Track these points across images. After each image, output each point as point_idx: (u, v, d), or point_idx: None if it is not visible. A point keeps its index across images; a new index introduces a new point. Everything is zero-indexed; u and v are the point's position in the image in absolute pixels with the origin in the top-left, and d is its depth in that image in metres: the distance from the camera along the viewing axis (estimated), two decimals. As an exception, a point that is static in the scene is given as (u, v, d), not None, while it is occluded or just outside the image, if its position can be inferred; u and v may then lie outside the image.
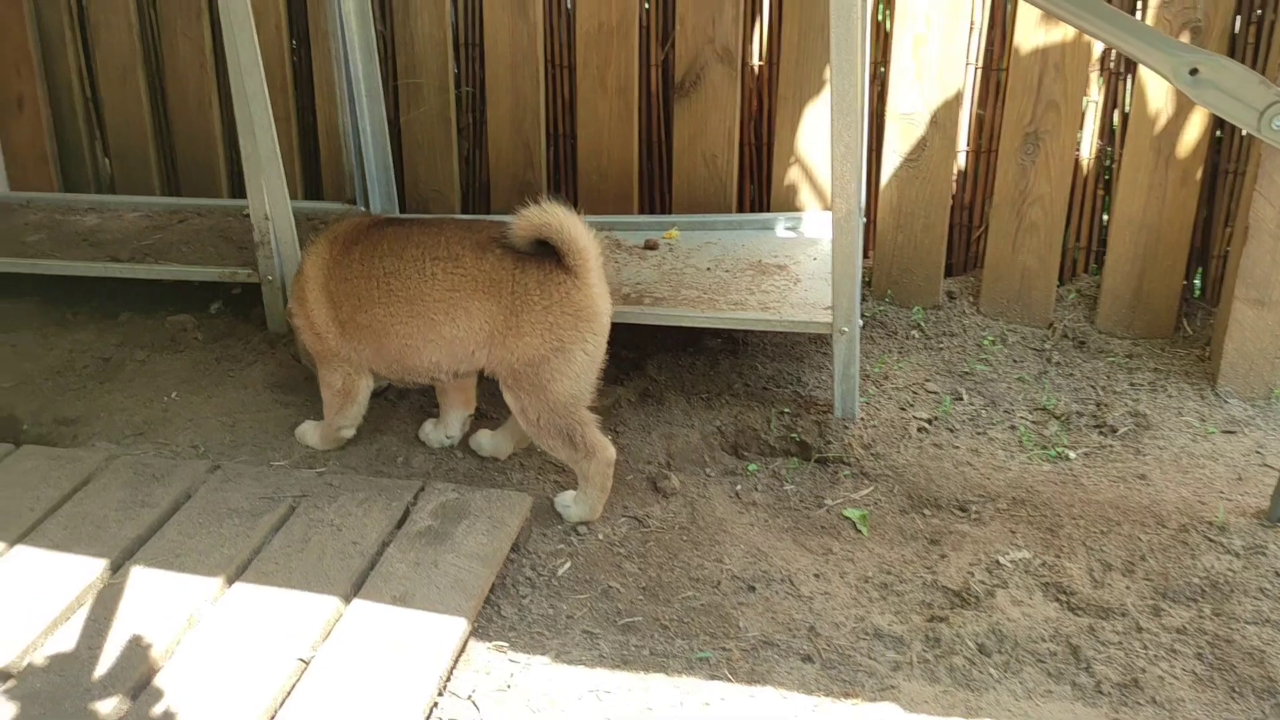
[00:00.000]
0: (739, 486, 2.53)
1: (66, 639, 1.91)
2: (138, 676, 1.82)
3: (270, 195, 2.90)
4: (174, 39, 3.80)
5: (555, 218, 2.20)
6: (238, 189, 3.90)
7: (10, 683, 1.81)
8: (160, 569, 2.09)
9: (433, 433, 2.63)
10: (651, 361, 2.98)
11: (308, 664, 1.85)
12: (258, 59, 2.69)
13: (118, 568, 2.10)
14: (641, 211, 3.51)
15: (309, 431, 2.61)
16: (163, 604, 1.99)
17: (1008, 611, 2.11)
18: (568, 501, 2.38)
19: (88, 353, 3.11)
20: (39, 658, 1.87)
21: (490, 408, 2.71)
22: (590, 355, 2.31)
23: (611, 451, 2.35)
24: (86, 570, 2.08)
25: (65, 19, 3.90)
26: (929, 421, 2.74)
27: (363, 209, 3.50)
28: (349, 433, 2.59)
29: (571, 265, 2.25)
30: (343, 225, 2.51)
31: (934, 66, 3.03)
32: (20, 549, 2.16)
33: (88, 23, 3.90)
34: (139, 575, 2.07)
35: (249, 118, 2.78)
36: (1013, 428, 2.73)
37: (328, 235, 2.50)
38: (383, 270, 2.36)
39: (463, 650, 1.96)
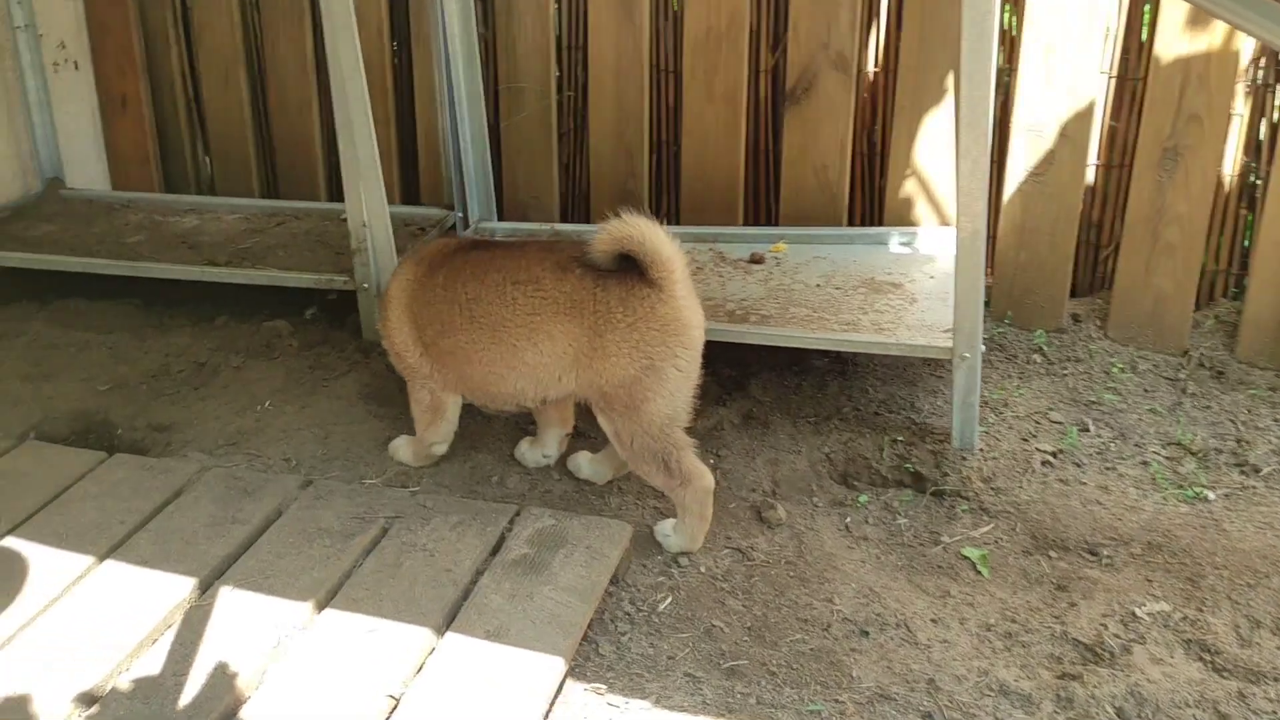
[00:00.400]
0: (849, 519, 2.39)
1: (153, 663, 1.85)
2: (223, 708, 1.75)
3: (369, 202, 2.83)
4: (276, 40, 3.77)
5: (637, 229, 2.10)
6: (335, 192, 3.87)
7: (95, 708, 1.76)
8: (249, 590, 2.02)
9: (529, 452, 2.53)
10: (755, 381, 2.85)
11: (398, 701, 1.76)
12: (359, 63, 2.62)
13: (206, 587, 2.04)
14: (746, 223, 3.38)
15: (402, 447, 2.54)
16: (251, 629, 1.92)
17: (1147, 671, 1.94)
18: (667, 530, 2.27)
19: (183, 356, 3.08)
20: (124, 682, 1.81)
21: (589, 427, 2.60)
22: (683, 371, 2.20)
23: (709, 479, 2.23)
24: (175, 589, 2.02)
25: (169, 19, 3.91)
26: (1053, 454, 2.57)
27: (460, 214, 3.43)
28: (440, 449, 2.51)
29: (656, 278, 2.14)
30: (430, 246, 2.44)
31: (1064, 75, 2.85)
32: (110, 564, 2.11)
33: (191, 23, 3.91)
34: (227, 597, 2.01)
35: (349, 122, 2.72)
36: (1145, 463, 2.54)
37: (414, 256, 2.44)
38: (465, 296, 2.29)
39: (559, 691, 1.85)
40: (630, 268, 2.15)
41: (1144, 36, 2.90)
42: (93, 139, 4.02)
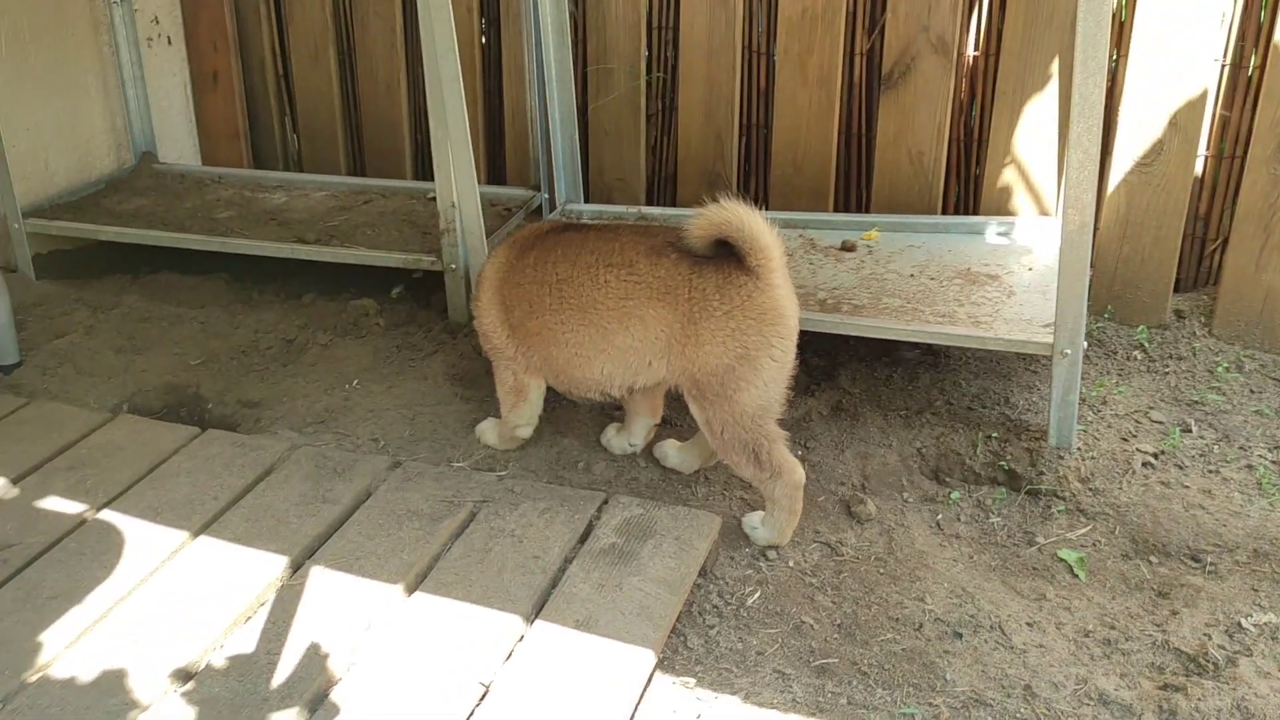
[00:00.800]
0: (940, 516, 2.33)
1: (246, 640, 1.87)
2: (315, 688, 1.75)
3: (459, 183, 2.82)
4: (365, 18, 3.78)
5: (736, 215, 2.05)
6: (421, 171, 3.88)
7: (190, 685, 1.77)
8: (340, 571, 2.03)
9: (615, 439, 2.51)
10: (844, 371, 2.80)
11: (488, 688, 1.75)
12: (454, 44, 2.61)
13: (298, 567, 2.05)
14: (837, 209, 3.32)
15: (488, 430, 2.53)
16: (342, 610, 1.92)
17: (1254, 685, 1.86)
18: (755, 523, 2.23)
19: (272, 333, 3.10)
20: (219, 659, 1.83)
21: (676, 416, 2.58)
22: (778, 362, 2.15)
23: (800, 474, 2.19)
24: (267, 567, 2.03)
25: (261, -5, 3.93)
26: (1154, 455, 2.48)
27: (545, 195, 3.41)
28: (525, 432, 2.49)
29: (754, 266, 2.09)
30: (524, 230, 2.42)
31: (1175, 62, 2.74)
32: (203, 539, 2.13)
33: (283, 1, 3.92)
34: (318, 576, 2.01)
35: (441, 103, 2.71)
36: (1250, 467, 2.45)
37: (509, 239, 2.41)
38: (556, 276, 2.25)
39: (648, 684, 1.83)
40: (726, 254, 2.11)
41: (1262, 20, 2.78)
42: (184, 114, 4.07)
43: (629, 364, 2.23)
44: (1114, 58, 2.91)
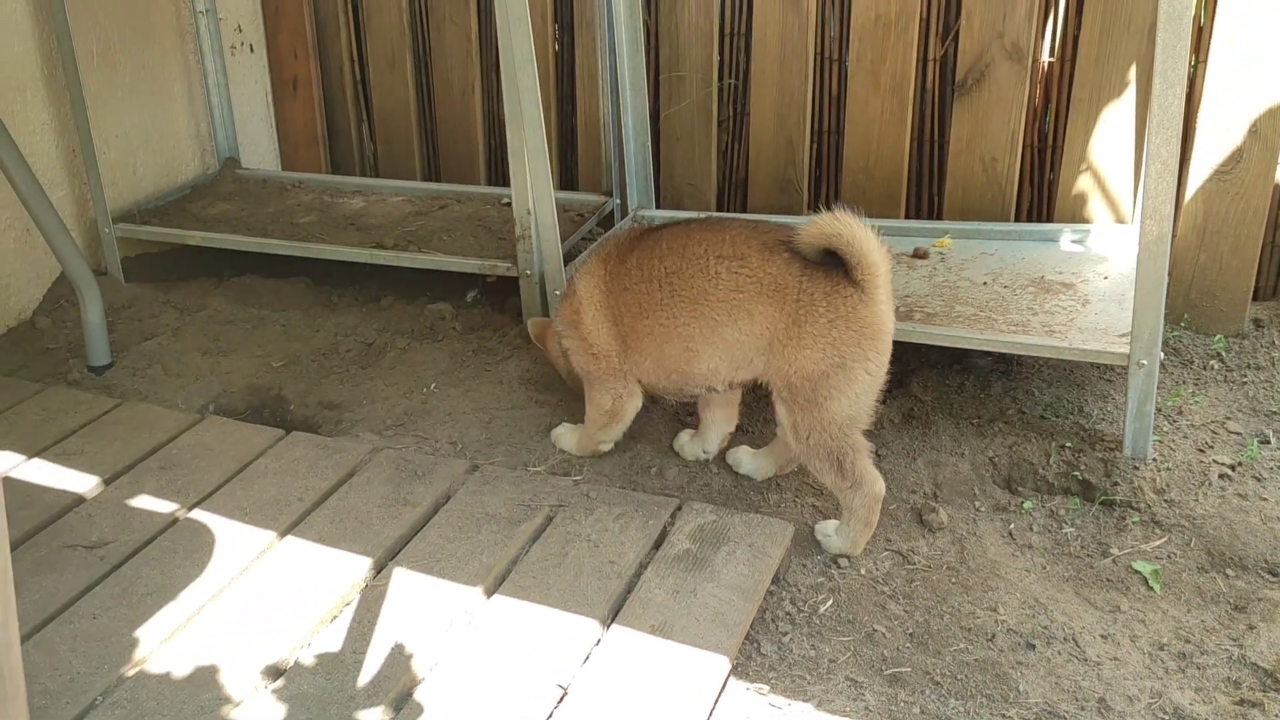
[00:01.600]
0: (1013, 525, 2.33)
1: (333, 639, 1.93)
2: (400, 688, 1.81)
3: (535, 190, 2.87)
4: (441, 26, 3.84)
5: (848, 228, 2.06)
6: (494, 176, 3.94)
7: (280, 681, 1.84)
8: (421, 572, 2.08)
9: (689, 444, 2.54)
10: (915, 378, 2.80)
11: (566, 691, 1.80)
12: (531, 54, 2.65)
13: (381, 568, 2.11)
14: (908, 216, 3.32)
15: (565, 435, 2.58)
16: (424, 611, 1.98)
17: (1334, 702, 1.85)
18: (829, 531, 2.25)
19: (351, 336, 3.18)
20: (307, 657, 1.89)
21: (748, 422, 2.61)
22: (873, 375, 2.17)
23: (881, 486, 2.20)
24: (352, 568, 2.10)
25: (340, 3, 4.02)
26: (1231, 467, 2.46)
27: (618, 201, 3.45)
28: (608, 447, 2.54)
29: (861, 280, 2.11)
30: (611, 243, 2.44)
31: (1257, 67, 2.71)
32: (290, 540, 2.20)
33: (361, 8, 4.01)
34: (401, 577, 2.07)
35: (519, 111, 2.76)
36: (1331, 480, 2.42)
37: (598, 254, 2.43)
38: (664, 271, 2.27)
39: (722, 690, 1.87)
40: (835, 262, 2.12)
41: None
42: (265, 120, 4.17)
43: (734, 357, 2.24)
44: (1193, 63, 2.88)
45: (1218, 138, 2.79)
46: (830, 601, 2.11)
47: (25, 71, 3.27)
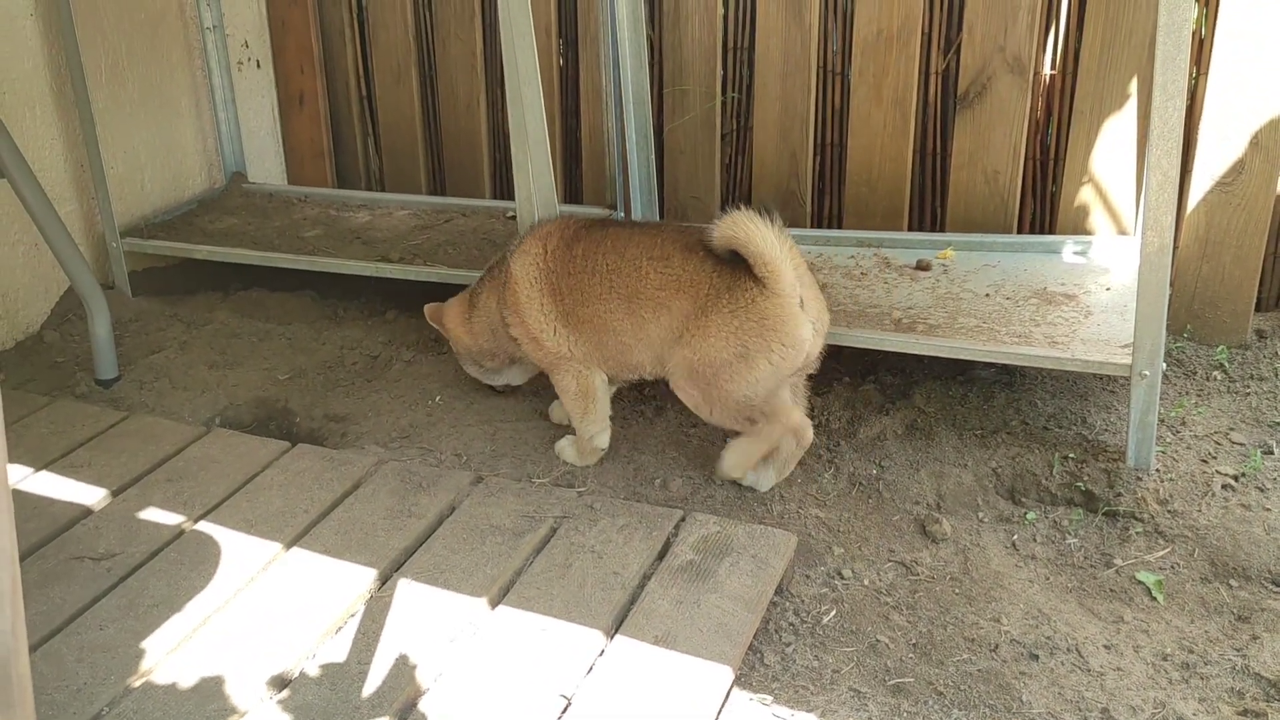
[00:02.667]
0: (1016, 536, 2.34)
1: (338, 649, 1.94)
2: (404, 698, 1.81)
3: (539, 203, 2.88)
4: (447, 40, 3.87)
5: (744, 230, 2.17)
6: (499, 189, 3.96)
7: (285, 692, 1.85)
8: (425, 584, 2.09)
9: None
10: (919, 390, 2.81)
11: (570, 701, 1.81)
12: (535, 69, 2.67)
13: (385, 579, 2.12)
14: (911, 228, 3.33)
15: (567, 447, 2.60)
16: (428, 622, 1.99)
17: (1337, 712, 1.85)
18: (728, 462, 2.43)
19: (357, 349, 3.20)
20: (312, 667, 1.90)
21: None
22: (775, 366, 2.28)
23: (797, 417, 2.37)
24: (357, 579, 2.11)
25: (346, 18, 4.05)
26: (1235, 478, 2.46)
27: (621, 214, 3.47)
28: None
29: (762, 276, 2.22)
30: (547, 227, 2.55)
31: (1257, 80, 2.72)
32: (296, 551, 2.21)
33: (367, 22, 4.04)
34: (405, 588, 2.08)
35: (523, 126, 2.77)
36: (1334, 491, 2.42)
37: (534, 237, 2.53)
38: (605, 267, 2.39)
39: (726, 700, 1.87)
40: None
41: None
42: (272, 134, 4.20)
43: (658, 353, 2.38)
44: (1194, 75, 2.90)
45: (1219, 149, 2.80)
46: (833, 612, 2.11)
47: (35, 88, 3.30)
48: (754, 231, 2.16)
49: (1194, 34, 2.89)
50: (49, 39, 3.31)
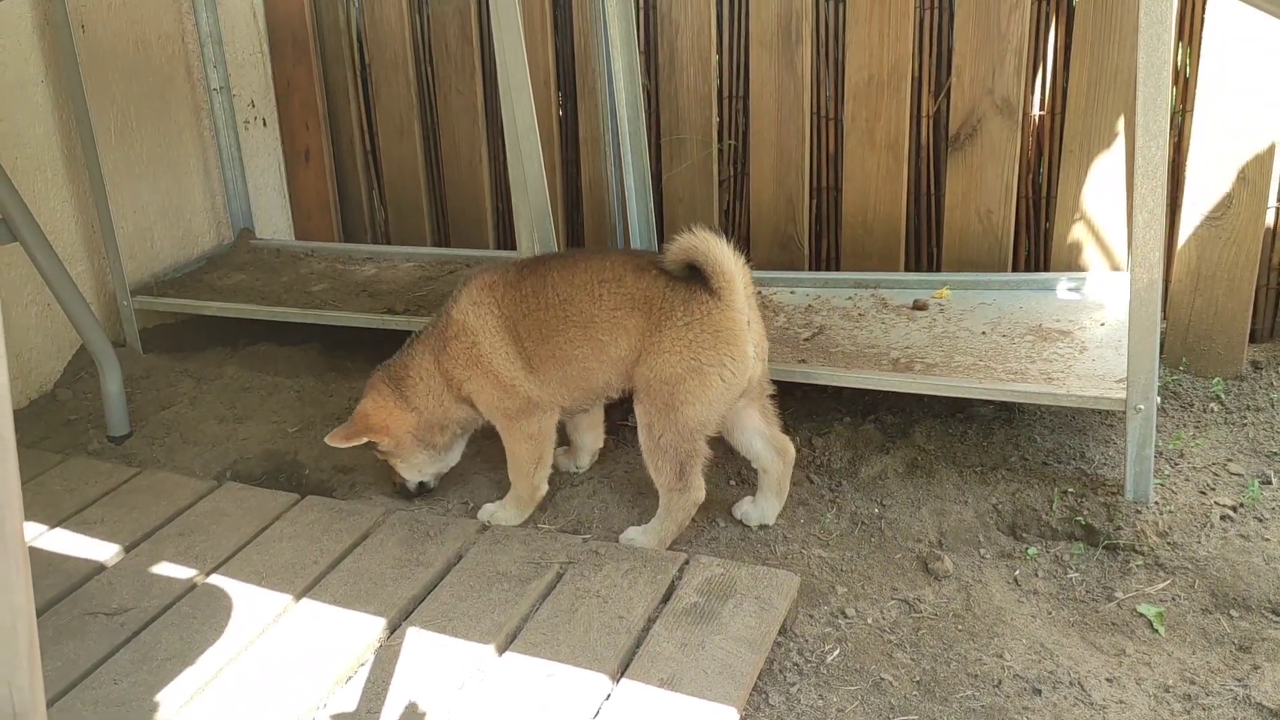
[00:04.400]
0: (1018, 572, 2.36)
1: (349, 699, 1.97)
2: (414, 746, 1.84)
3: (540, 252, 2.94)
4: (448, 95, 3.95)
5: (704, 241, 2.27)
6: (502, 239, 4.02)
7: (297, 742, 1.87)
8: (434, 631, 2.12)
9: (563, 460, 2.75)
10: (919, 428, 2.84)
11: (576, 746, 1.83)
12: (534, 122, 2.74)
13: (394, 628, 2.15)
14: (908, 268, 3.38)
15: (499, 510, 2.58)
16: (437, 669, 2.02)
17: (1339, 740, 1.87)
18: (633, 535, 2.45)
19: (364, 400, 3.24)
20: (324, 716, 1.93)
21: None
22: (727, 382, 2.33)
23: (703, 494, 2.42)
24: (366, 629, 2.14)
25: (349, 76, 4.13)
26: (1233, 508, 2.49)
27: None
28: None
29: (717, 288, 2.29)
30: (488, 275, 2.52)
31: (1242, 117, 2.77)
32: (306, 602, 2.24)
33: (370, 79, 4.12)
34: (414, 637, 2.11)
35: (523, 177, 2.83)
36: (1333, 520, 2.44)
37: (480, 284, 2.51)
38: (557, 298, 2.43)
39: (731, 741, 1.90)
40: (698, 277, 2.31)
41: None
42: (278, 190, 4.28)
43: (622, 371, 2.42)
44: (1180, 112, 2.95)
45: (1207, 185, 2.85)
46: (837, 651, 2.14)
47: (46, 152, 3.38)
48: (713, 243, 2.26)
49: (1179, 72, 2.95)
50: (59, 104, 3.39)
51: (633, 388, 2.42)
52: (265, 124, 4.19)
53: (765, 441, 2.49)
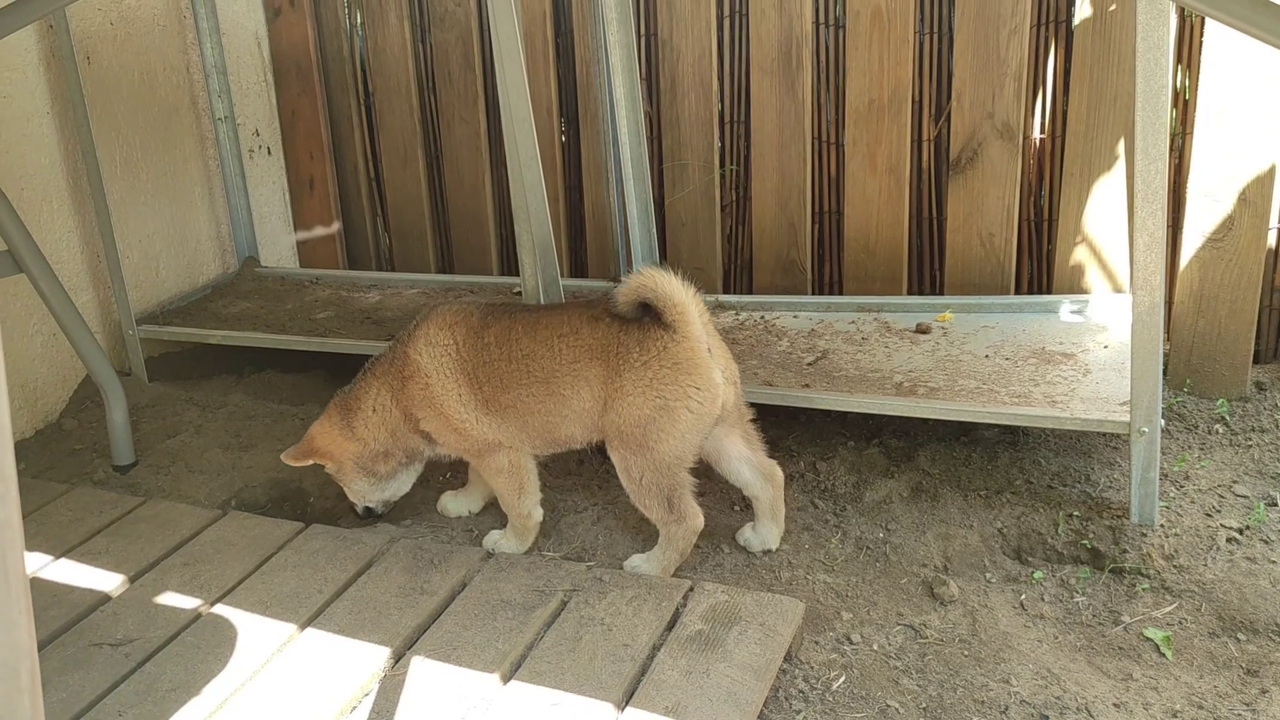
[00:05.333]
0: (1024, 596, 2.35)
1: (352, 730, 1.96)
2: (418, 777, 1.84)
3: (543, 279, 2.95)
4: (451, 123, 3.97)
5: (652, 277, 2.28)
6: (506, 266, 4.03)
7: (301, 774, 1.87)
8: (439, 661, 2.12)
9: (452, 503, 2.76)
10: (923, 452, 2.84)
11: (581, 776, 1.82)
12: (536, 150, 2.75)
13: (399, 657, 2.15)
14: (910, 292, 3.38)
15: (503, 540, 2.59)
16: (441, 699, 2.01)
17: (1349, 765, 1.85)
18: (638, 562, 2.43)
19: (369, 428, 3.24)
20: (327, 748, 1.92)
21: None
22: (695, 414, 2.32)
23: (700, 520, 2.40)
24: (370, 658, 2.14)
25: (354, 104, 4.16)
26: (1239, 531, 2.48)
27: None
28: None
29: (670, 321, 2.30)
30: (445, 318, 2.52)
31: (1242, 139, 2.78)
32: (310, 632, 2.24)
33: (374, 108, 4.14)
34: (418, 666, 2.11)
35: (525, 205, 2.85)
36: (1340, 541, 2.44)
37: (438, 324, 2.51)
38: (521, 352, 2.43)
39: (736, 770, 1.89)
40: (651, 315, 2.32)
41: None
42: (283, 218, 4.30)
43: (585, 423, 2.42)
44: (1180, 135, 2.96)
45: (1208, 206, 2.85)
46: (842, 678, 2.13)
47: (52, 183, 3.40)
48: (661, 279, 2.28)
49: (1178, 95, 2.96)
50: (65, 135, 3.42)
51: (602, 438, 2.42)
52: (270, 153, 4.22)
53: (752, 468, 2.49)
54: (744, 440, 2.49)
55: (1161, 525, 2.48)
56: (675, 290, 2.28)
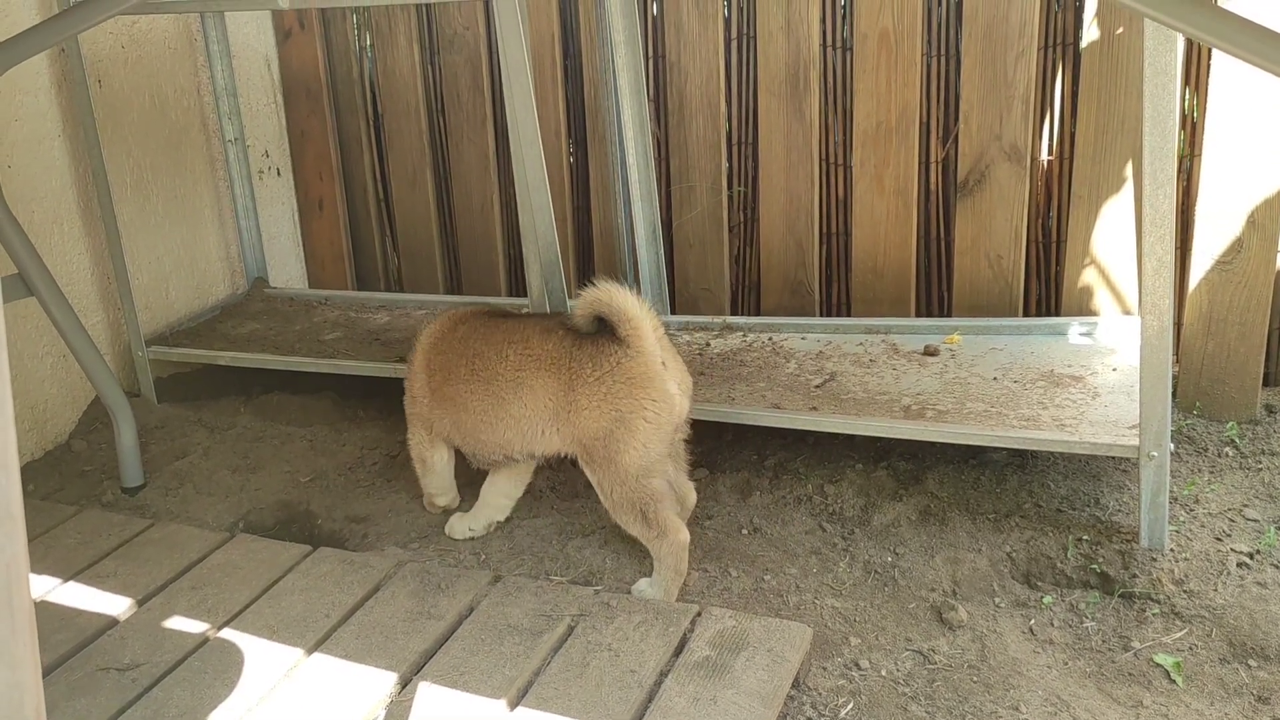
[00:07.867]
0: (1033, 621, 2.34)
1: (358, 757, 1.96)
2: (425, 805, 1.83)
3: (551, 301, 2.96)
4: (460, 145, 3.98)
5: (606, 292, 2.32)
6: (514, 286, 4.04)
7: (307, 801, 1.86)
8: (445, 686, 2.11)
9: (458, 525, 2.77)
10: (931, 475, 2.83)
11: (588, 804, 1.82)
12: (544, 176, 2.76)
13: (406, 683, 2.14)
14: (918, 314, 3.38)
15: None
16: (448, 726, 2.01)
17: (1362, 795, 1.84)
18: (643, 587, 2.44)
19: (377, 449, 3.25)
20: (333, 775, 1.92)
21: (765, 523, 2.64)
22: (652, 424, 2.36)
23: (685, 534, 2.41)
24: (378, 684, 2.13)
25: (363, 126, 4.17)
26: (1250, 555, 2.47)
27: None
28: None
29: (625, 336, 2.33)
30: (457, 311, 2.73)
31: (1251, 161, 2.78)
32: (317, 656, 2.24)
33: (383, 130, 4.16)
34: (425, 692, 2.10)
35: (532, 227, 2.86)
36: (1352, 566, 2.42)
37: (443, 316, 2.74)
38: (472, 351, 2.55)
39: (744, 798, 1.88)
40: (605, 330, 2.37)
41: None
42: (292, 239, 4.31)
43: (523, 431, 2.49)
44: (1189, 157, 2.96)
45: (1217, 229, 2.85)
46: (851, 705, 2.12)
47: (62, 204, 3.42)
48: (615, 293, 2.31)
49: (1187, 117, 2.96)
50: (76, 157, 3.44)
51: (570, 454, 2.48)
52: (279, 174, 4.23)
53: (668, 486, 2.52)
54: (670, 455, 2.53)
55: (1171, 549, 2.47)
56: (629, 304, 2.32)
